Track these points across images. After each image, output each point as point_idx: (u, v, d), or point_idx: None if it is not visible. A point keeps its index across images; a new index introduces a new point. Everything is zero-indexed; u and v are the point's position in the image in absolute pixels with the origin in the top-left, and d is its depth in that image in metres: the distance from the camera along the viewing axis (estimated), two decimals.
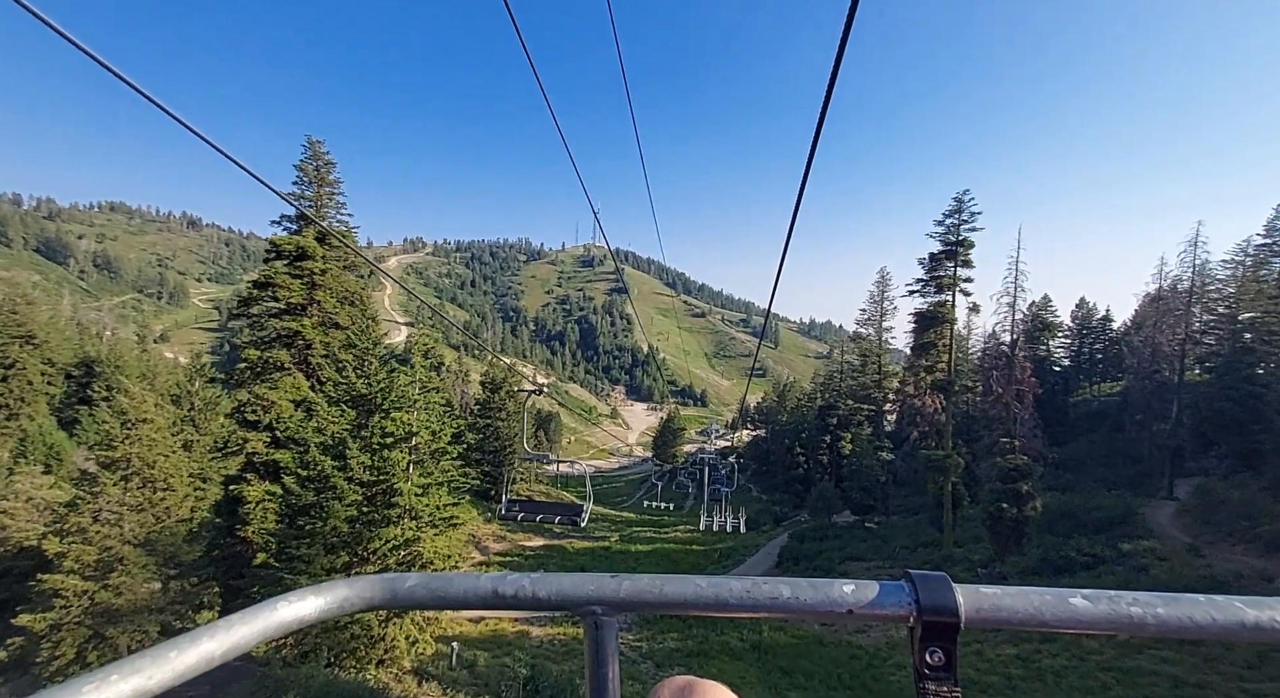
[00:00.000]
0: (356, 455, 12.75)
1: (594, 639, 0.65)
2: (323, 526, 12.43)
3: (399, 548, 13.27)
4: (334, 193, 19.88)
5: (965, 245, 26.69)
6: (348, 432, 12.98)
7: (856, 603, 0.63)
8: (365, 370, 13.22)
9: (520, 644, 21.87)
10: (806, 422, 61.57)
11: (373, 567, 13.29)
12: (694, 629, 24.38)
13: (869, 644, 21.44)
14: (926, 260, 27.91)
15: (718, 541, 43.95)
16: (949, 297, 27.40)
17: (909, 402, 48.18)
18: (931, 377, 28.34)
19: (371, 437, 13.02)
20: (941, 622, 0.59)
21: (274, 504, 14.39)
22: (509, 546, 41.12)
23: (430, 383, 14.22)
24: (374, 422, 12.84)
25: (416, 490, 13.64)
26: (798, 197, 2.48)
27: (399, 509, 13.18)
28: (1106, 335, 67.87)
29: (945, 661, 0.58)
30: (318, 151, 19.52)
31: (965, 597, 0.60)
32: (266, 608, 0.61)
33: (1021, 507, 22.09)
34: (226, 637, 0.55)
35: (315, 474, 12.59)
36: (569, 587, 0.67)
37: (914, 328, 29.21)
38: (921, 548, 29.03)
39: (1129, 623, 0.59)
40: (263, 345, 18.08)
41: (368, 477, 13.11)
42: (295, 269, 18.55)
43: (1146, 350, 49.64)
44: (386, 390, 13.36)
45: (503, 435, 48.18)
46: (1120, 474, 41.37)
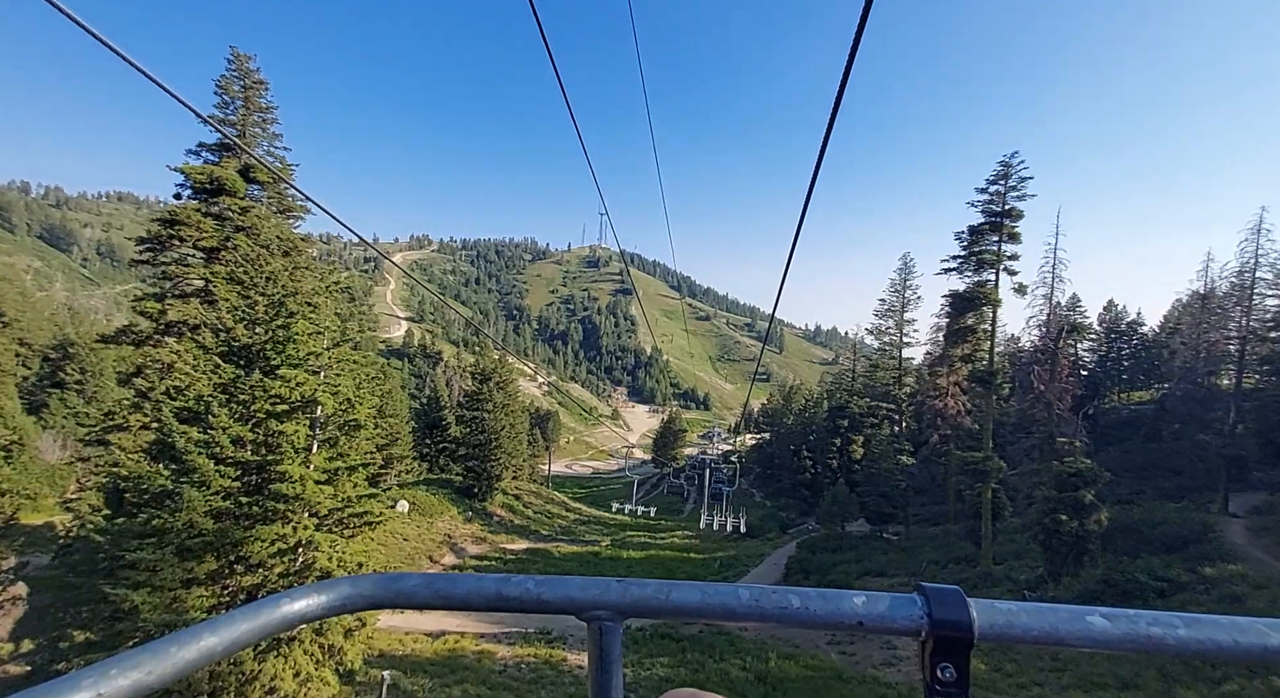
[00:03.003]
0: (225, 424, 9.30)
1: (598, 645, 0.63)
2: (174, 520, 8.98)
3: (286, 553, 9.78)
4: (266, 120, 16.53)
5: (1013, 216, 23.03)
6: (218, 392, 9.54)
7: (867, 615, 0.60)
8: (251, 313, 9.92)
9: (479, 669, 18.34)
10: (815, 424, 57.99)
11: (249, 578, 9.79)
12: (688, 654, 20.81)
13: (898, 681, 17.79)
14: (965, 234, 24.26)
15: (718, 548, 40.32)
16: (991, 276, 23.74)
17: (928, 402, 44.50)
18: (970, 367, 24.67)
19: (252, 402, 9.58)
20: (954, 637, 0.57)
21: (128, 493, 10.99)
22: (488, 548, 37.62)
23: (346, 333, 10.77)
24: (252, 381, 9.39)
25: (317, 476, 10.16)
26: (805, 200, 2.51)
27: (288, 501, 9.70)
28: (1137, 339, 63.78)
29: (957, 677, 0.57)
30: (245, 68, 16.06)
31: (979, 612, 0.58)
32: (269, 604, 0.60)
33: (1084, 519, 18.39)
34: (228, 632, 0.54)
35: (168, 449, 9.15)
36: (574, 590, 0.65)
37: (948, 312, 25.55)
38: (953, 565, 25.28)
39: (1148, 643, 0.57)
40: (163, 298, 14.72)
41: (245, 455, 9.65)
42: (209, 206, 15.20)
43: (1190, 354, 45.82)
44: (279, 341, 9.93)
45: (489, 428, 44.67)
46: (1159, 488, 37.41)
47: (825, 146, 2.08)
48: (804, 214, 2.62)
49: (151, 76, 2.14)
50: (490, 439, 44.80)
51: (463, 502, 42.78)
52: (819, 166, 2.19)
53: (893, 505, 33.74)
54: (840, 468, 51.36)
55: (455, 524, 38.81)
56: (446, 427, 52.71)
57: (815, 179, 2.31)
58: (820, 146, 2.08)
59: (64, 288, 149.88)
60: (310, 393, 10.14)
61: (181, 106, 2.45)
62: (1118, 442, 51.17)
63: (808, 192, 2.40)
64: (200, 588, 9.54)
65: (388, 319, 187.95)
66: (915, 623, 0.58)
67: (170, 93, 2.28)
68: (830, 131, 1.96)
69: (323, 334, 10.41)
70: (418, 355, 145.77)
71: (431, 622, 23.26)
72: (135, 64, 2.06)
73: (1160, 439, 48.57)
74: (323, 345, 10.27)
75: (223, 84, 15.79)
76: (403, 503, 37.47)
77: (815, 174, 2.28)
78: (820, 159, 2.14)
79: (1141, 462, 44.75)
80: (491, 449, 44.93)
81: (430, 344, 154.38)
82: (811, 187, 2.37)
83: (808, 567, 29.43)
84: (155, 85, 2.19)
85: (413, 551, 32.58)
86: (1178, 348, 51.13)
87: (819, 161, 2.15)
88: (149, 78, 2.13)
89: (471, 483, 44.93)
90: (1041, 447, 29.47)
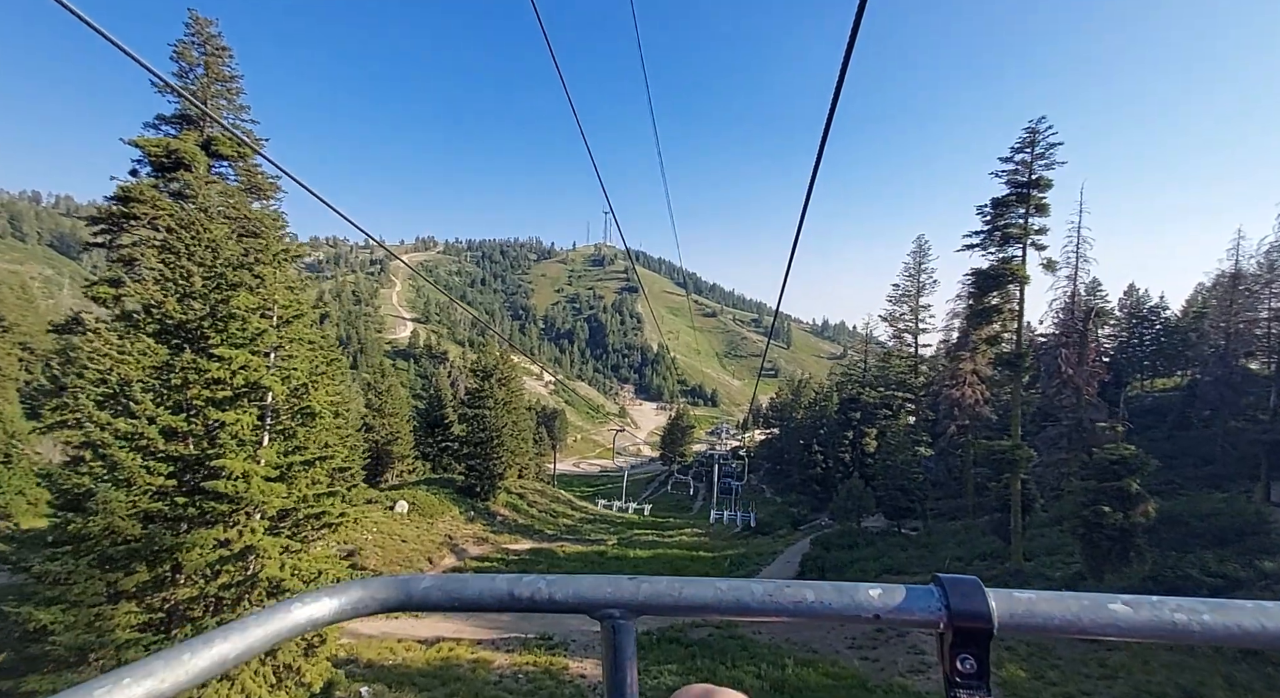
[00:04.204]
0: (153, 413, 8.01)
1: (611, 643, 0.63)
2: (91, 525, 7.70)
3: (230, 561, 8.48)
4: (230, 90, 15.24)
5: (1041, 185, 21.33)
6: (148, 377, 8.25)
7: (883, 608, 0.60)
8: (187, 285, 8.62)
9: (472, 680, 17.04)
10: (826, 417, 56.37)
11: (186, 590, 8.50)
12: (698, 660, 19.43)
13: (928, 691, 16.32)
14: (988, 207, 22.59)
15: (728, 546, 38.86)
16: (1018, 251, 22.08)
17: (945, 392, 42.75)
18: (996, 349, 23.04)
19: (186, 387, 8.29)
20: (974, 628, 0.56)
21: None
22: (490, 548, 36.36)
23: (298, 307, 9.38)
24: (183, 361, 8.08)
25: (267, 472, 8.85)
26: (807, 191, 2.55)
27: (230, 501, 8.40)
28: (1159, 324, 61.52)
29: (977, 668, 0.56)
30: (206, 33, 14.72)
31: (998, 602, 0.57)
32: (281, 610, 0.59)
33: (1129, 510, 16.79)
34: (241, 639, 0.54)
35: (88, 442, 7.88)
36: (586, 589, 0.64)
37: (971, 292, 23.90)
38: (979, 561, 23.69)
39: (1173, 631, 0.56)
40: (120, 283, 13.50)
41: (180, 449, 8.36)
42: (167, 182, 13.95)
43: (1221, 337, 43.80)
44: (220, 318, 8.62)
45: (490, 426, 43.48)
46: (1187, 477, 35.58)
47: (825, 138, 2.10)
48: (806, 206, 2.65)
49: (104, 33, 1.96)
50: (492, 437, 43.58)
51: (465, 501, 41.57)
52: (819, 159, 2.25)
53: (910, 499, 32.13)
54: (853, 461, 49.78)
55: (457, 524, 37.61)
56: (449, 425, 51.64)
57: (816, 171, 2.36)
58: (820, 138, 2.12)
59: (71, 294, 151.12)
60: (257, 377, 8.84)
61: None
62: (1142, 430, 49.18)
63: (809, 184, 2.45)
64: (129, 603, 8.27)
65: (394, 320, 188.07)
66: (933, 614, 0.58)
67: (121, 48, 2.03)
68: (830, 124, 1.96)
69: (271, 310, 9.10)
70: (423, 356, 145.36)
71: (426, 628, 22.03)
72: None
73: (1189, 427, 46.62)
74: (271, 323, 8.95)
75: (180, 50, 14.46)
76: (402, 503, 36.33)
77: (816, 166, 2.33)
78: (821, 151, 2.19)
79: (1169, 451, 42.73)
80: (494, 447, 43.71)
81: (436, 345, 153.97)
82: (813, 180, 2.41)
83: (823, 564, 27.93)
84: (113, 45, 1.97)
85: (411, 552, 31.37)
86: (1206, 331, 48.98)
87: (819, 154, 2.21)
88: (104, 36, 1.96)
89: (474, 482, 43.74)
90: (1069, 435, 27.79)
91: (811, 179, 2.38)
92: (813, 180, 2.39)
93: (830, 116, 1.89)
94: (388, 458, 46.45)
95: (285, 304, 9.17)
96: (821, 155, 2.19)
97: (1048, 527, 25.76)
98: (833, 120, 1.91)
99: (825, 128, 1.98)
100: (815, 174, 2.34)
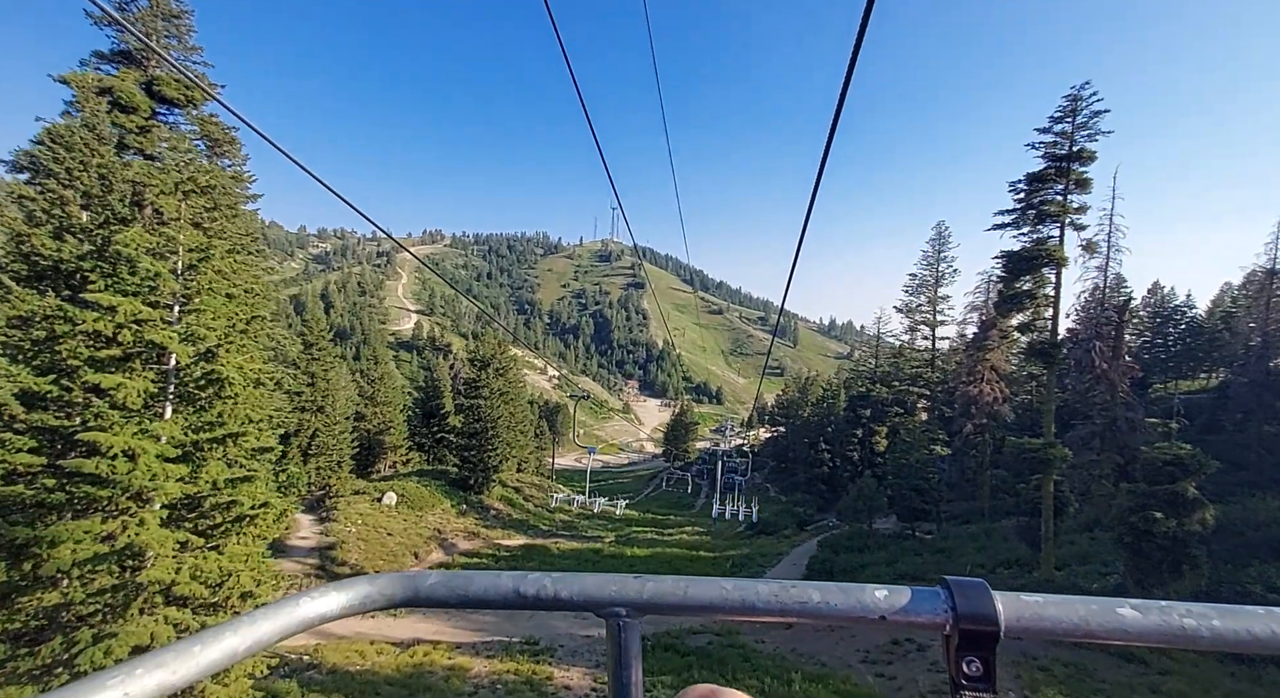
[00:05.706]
0: (8, 372, 6.37)
1: (616, 642, 0.63)
2: None
3: (109, 559, 6.82)
4: (179, 28, 13.62)
5: (1082, 158, 19.33)
6: (9, 328, 6.61)
7: (889, 609, 0.60)
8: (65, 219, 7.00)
9: (444, 690, 15.40)
10: (833, 415, 54.43)
11: (51, 595, 6.84)
12: (695, 671, 17.74)
13: None
14: (1021, 183, 20.60)
15: (730, 546, 37.09)
16: (1055, 231, 20.10)
17: (961, 389, 40.69)
18: (1028, 337, 21.09)
19: (54, 341, 6.65)
20: (980, 631, 0.56)
21: None
22: (481, 543, 34.77)
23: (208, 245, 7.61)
24: (47, 308, 6.42)
25: (166, 451, 7.18)
26: (814, 187, 2.53)
27: (111, 485, 6.74)
28: (1185, 324, 58.98)
29: (983, 671, 0.55)
30: None
31: (1005, 605, 0.57)
32: (289, 604, 0.61)
33: (1184, 518, 14.87)
34: (250, 632, 0.55)
35: None
36: (591, 587, 0.64)
37: (1001, 276, 21.92)
38: (1003, 568, 21.81)
39: (1182, 635, 0.56)
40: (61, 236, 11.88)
41: (45, 419, 6.71)
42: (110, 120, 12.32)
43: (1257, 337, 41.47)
44: (106, 259, 6.95)
45: (486, 416, 41.90)
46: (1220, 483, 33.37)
47: (831, 138, 2.08)
48: (811, 205, 2.65)
49: None
50: (487, 428, 42.01)
51: (457, 494, 40.05)
52: (826, 155, 2.23)
53: (925, 501, 30.20)
54: (861, 460, 47.91)
55: (448, 518, 36.08)
56: (446, 415, 50.18)
57: (822, 171, 2.36)
58: (826, 140, 2.11)
59: None
60: (153, 334, 7.19)
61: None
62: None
63: (814, 184, 2.45)
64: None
65: (398, 313, 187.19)
66: (939, 616, 0.57)
67: None
68: (836, 124, 1.96)
69: (176, 253, 7.43)
70: (426, 348, 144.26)
71: (403, 628, 20.45)
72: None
73: (1220, 430, 44.25)
74: (169, 266, 7.27)
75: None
76: (390, 495, 34.84)
77: (822, 166, 2.32)
78: (826, 151, 2.18)
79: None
80: (488, 438, 42.14)
81: (439, 337, 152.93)
82: (819, 176, 2.41)
83: (832, 568, 26.16)
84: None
85: (396, 547, 29.83)
86: (1239, 331, 46.56)
87: (825, 153, 2.21)
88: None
89: (467, 474, 42.22)
90: (1102, 434, 25.78)
91: (817, 179, 2.39)
92: (818, 179, 2.40)
93: (836, 116, 1.89)
94: (379, 448, 45.02)
95: (192, 245, 7.48)
96: (828, 154, 2.18)
97: (1078, 533, 23.84)
98: (839, 120, 1.90)
99: (831, 128, 1.97)
100: (821, 173, 2.35)
